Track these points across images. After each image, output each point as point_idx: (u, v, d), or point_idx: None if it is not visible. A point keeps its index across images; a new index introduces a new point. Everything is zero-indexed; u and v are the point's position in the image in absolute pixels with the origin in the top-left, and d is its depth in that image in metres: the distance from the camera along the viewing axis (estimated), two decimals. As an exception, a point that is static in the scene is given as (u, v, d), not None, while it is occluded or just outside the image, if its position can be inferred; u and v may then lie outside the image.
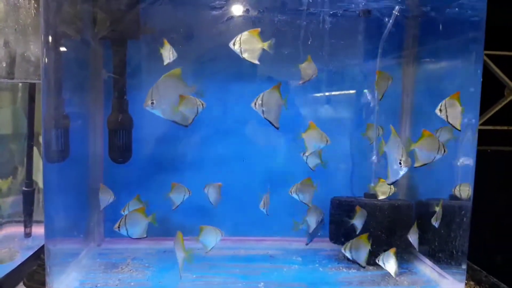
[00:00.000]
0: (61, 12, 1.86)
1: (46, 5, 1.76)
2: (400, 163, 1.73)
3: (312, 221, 2.20)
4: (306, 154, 2.12)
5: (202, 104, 1.84)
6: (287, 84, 2.35)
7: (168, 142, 2.34)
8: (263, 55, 1.83)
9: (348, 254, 2.06)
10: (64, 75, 1.95)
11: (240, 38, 1.80)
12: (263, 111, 1.83)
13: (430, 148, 1.77)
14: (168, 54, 1.96)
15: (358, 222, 2.15)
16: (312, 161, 2.16)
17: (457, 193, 2.13)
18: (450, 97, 1.82)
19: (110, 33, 2.20)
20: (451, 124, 1.84)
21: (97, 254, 2.35)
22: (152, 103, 1.73)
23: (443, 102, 1.82)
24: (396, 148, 1.75)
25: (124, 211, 2.08)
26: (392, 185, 2.09)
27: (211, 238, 1.98)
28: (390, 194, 2.17)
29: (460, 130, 1.89)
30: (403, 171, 1.73)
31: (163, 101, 1.74)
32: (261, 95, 1.81)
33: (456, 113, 1.82)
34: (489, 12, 1.94)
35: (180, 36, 2.16)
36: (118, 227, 1.88)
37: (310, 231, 2.27)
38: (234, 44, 1.82)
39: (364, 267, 2.12)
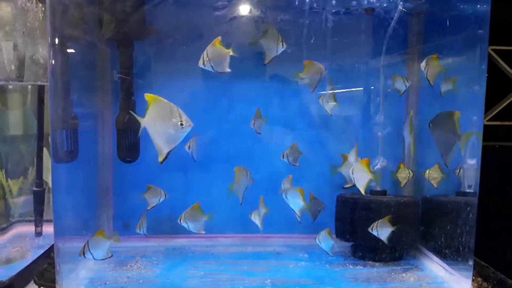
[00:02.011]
0: (67, 15, 1.88)
1: (52, 8, 1.78)
2: None
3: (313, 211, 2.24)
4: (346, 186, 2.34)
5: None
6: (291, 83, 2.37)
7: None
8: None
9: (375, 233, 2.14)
10: (72, 77, 1.97)
11: (206, 54, 1.82)
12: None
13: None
14: None
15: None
16: (294, 159, 2.18)
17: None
18: (431, 56, 2.05)
19: (116, 35, 2.22)
20: (427, 80, 2.08)
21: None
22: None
23: (426, 59, 2.05)
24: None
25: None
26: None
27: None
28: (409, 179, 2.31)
29: (432, 86, 2.08)
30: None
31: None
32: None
33: (434, 71, 2.07)
34: (496, 7, 1.93)
35: (184, 36, 2.18)
36: (83, 253, 1.92)
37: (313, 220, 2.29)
38: (203, 63, 1.83)
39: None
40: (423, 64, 2.10)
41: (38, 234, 2.27)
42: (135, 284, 1.99)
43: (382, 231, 2.12)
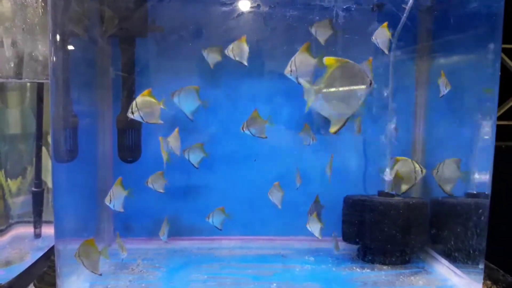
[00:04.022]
0: (68, 11, 1.84)
1: (53, 3, 1.74)
2: None
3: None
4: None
5: None
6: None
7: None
8: (273, 52, 1.80)
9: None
10: (72, 74, 1.93)
11: (136, 104, 1.84)
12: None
13: None
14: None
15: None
16: (195, 158, 2.14)
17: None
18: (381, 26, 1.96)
19: (118, 31, 2.18)
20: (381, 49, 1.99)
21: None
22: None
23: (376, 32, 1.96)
24: None
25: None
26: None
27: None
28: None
29: (388, 54, 1.99)
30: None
31: None
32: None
33: (384, 40, 1.97)
34: (506, 4, 1.89)
35: (189, 34, 2.14)
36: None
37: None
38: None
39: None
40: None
41: (37, 235, 2.23)
42: (137, 288, 1.95)
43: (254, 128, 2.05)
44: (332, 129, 1.61)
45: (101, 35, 2.24)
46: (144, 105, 1.84)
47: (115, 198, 1.96)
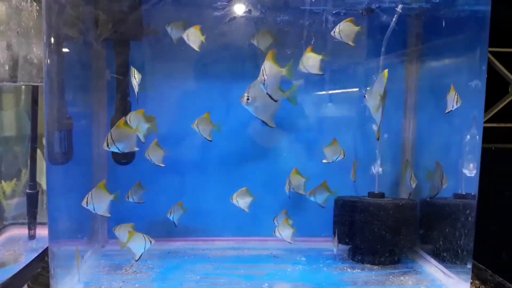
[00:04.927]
0: (63, 14, 1.85)
1: (48, 7, 1.75)
2: None
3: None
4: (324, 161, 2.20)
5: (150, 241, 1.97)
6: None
7: (171, 143, 2.34)
8: (264, 55, 1.82)
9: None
10: (67, 77, 1.94)
11: (111, 136, 1.83)
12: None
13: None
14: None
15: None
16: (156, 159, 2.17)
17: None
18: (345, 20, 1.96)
19: (112, 35, 2.19)
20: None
21: (101, 255, 2.35)
22: (248, 99, 1.74)
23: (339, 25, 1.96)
24: None
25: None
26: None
27: (140, 244, 1.97)
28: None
29: (354, 46, 1.97)
30: None
31: (257, 100, 1.78)
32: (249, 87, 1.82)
33: (351, 32, 1.96)
34: (493, 8, 1.92)
35: (181, 37, 2.15)
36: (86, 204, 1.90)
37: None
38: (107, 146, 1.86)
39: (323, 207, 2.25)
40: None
41: (32, 237, 2.23)
42: (131, 289, 1.96)
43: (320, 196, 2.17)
44: None
45: (95, 38, 2.25)
46: (119, 137, 1.83)
47: (96, 201, 1.91)
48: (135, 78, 2.03)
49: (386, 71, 1.77)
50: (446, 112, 1.99)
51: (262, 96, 1.76)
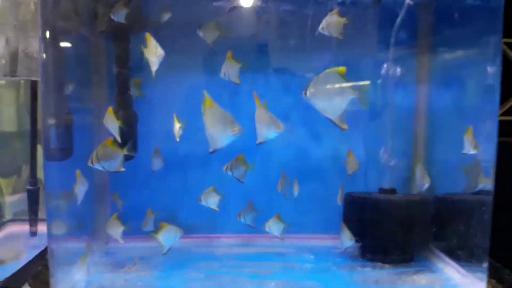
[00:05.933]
0: (59, 7, 1.81)
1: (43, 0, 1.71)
2: None
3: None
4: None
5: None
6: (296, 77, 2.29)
7: (174, 138, 2.29)
8: (268, 46, 1.77)
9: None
10: (65, 71, 1.91)
11: (96, 154, 1.75)
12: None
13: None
14: (154, 52, 1.85)
15: None
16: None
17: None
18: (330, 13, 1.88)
19: (111, 28, 2.15)
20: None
21: (103, 253, 2.32)
22: (310, 93, 1.65)
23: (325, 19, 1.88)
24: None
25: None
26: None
27: (170, 237, 1.91)
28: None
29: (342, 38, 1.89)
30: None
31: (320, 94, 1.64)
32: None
33: (337, 25, 1.89)
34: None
35: (181, 29, 2.11)
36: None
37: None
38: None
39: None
40: None
41: (33, 233, 2.21)
42: (133, 287, 1.92)
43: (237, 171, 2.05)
44: None
45: (93, 32, 2.21)
46: (104, 156, 1.75)
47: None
48: (155, 53, 1.86)
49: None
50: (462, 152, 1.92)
51: (326, 92, 1.61)
